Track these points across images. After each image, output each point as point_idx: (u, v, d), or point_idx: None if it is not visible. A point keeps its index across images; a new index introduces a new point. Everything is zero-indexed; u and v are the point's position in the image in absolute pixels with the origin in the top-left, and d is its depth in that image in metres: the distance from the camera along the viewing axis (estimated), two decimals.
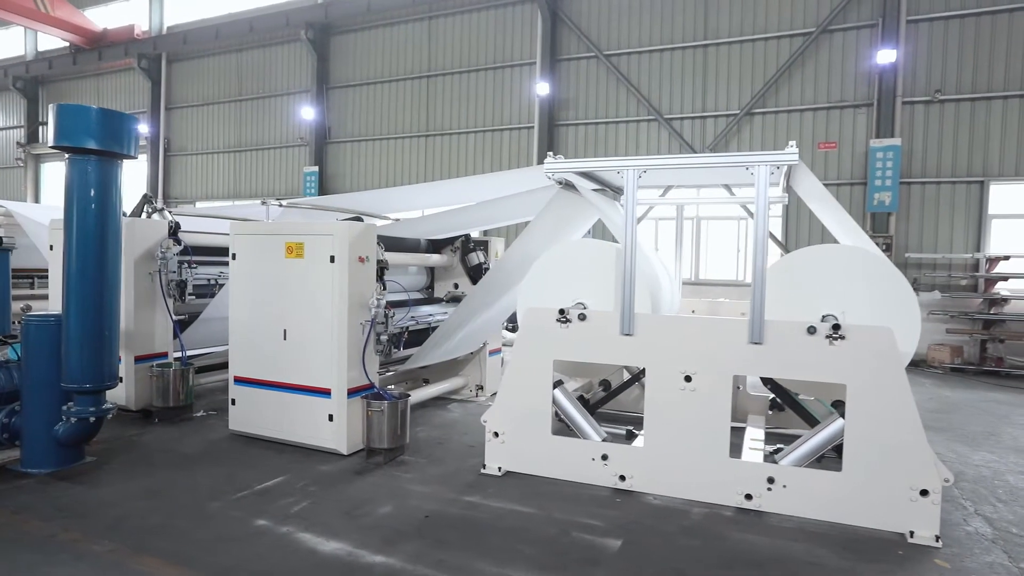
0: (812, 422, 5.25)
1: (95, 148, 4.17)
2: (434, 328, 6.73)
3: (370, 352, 5.53)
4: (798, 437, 4.78)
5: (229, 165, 19.36)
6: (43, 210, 8.89)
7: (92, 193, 4.27)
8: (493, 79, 15.69)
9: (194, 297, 7.04)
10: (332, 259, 5.29)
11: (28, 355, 4.52)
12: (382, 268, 5.81)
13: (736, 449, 4.70)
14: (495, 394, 8.08)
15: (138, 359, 6.50)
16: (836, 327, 4.16)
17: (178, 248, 6.72)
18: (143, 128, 19.91)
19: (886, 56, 11.61)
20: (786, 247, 12.90)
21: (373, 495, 4.59)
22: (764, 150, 13.06)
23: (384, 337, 5.62)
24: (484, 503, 4.50)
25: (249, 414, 5.75)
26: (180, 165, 20.21)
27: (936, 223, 11.88)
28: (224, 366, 8.13)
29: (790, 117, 12.99)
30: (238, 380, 5.81)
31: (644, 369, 6.01)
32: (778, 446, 4.97)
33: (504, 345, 8.43)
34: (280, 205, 6.43)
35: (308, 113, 17.35)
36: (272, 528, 4.01)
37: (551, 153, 4.89)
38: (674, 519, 4.28)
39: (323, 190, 17.59)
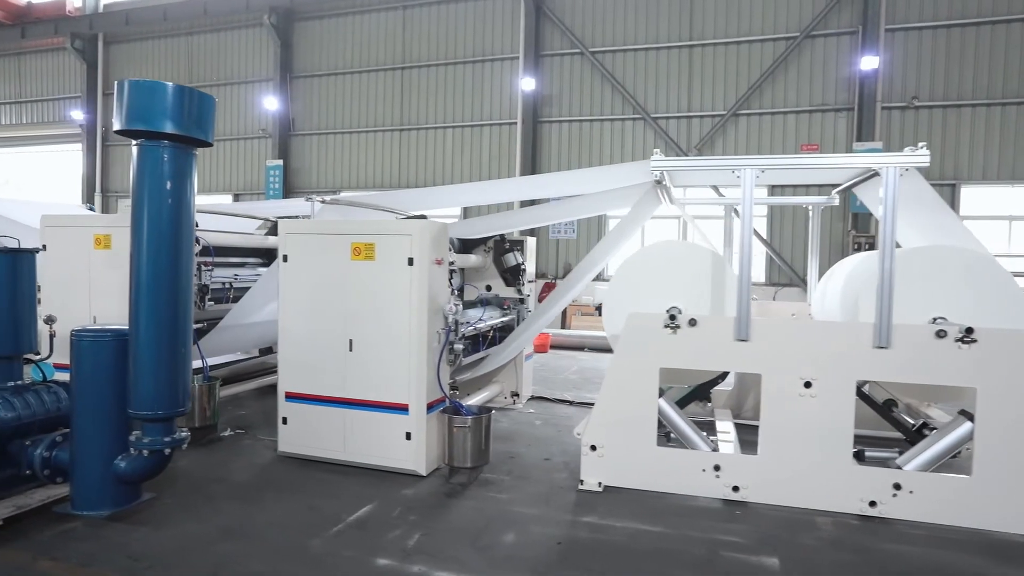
0: (902, 429, 5.26)
1: (174, 133, 3.54)
2: (483, 333, 6.34)
3: (444, 363, 5.10)
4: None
5: None
6: (15, 204, 7.80)
7: (168, 187, 3.62)
8: (473, 73, 15.25)
9: (212, 303, 6.34)
10: (411, 261, 4.81)
11: (80, 377, 3.81)
12: (452, 271, 5.37)
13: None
14: (530, 399, 7.85)
15: None
16: (969, 330, 4.13)
17: (197, 248, 6.00)
18: (77, 115, 18.09)
19: (869, 62, 12.09)
20: (772, 247, 13.23)
21: (484, 521, 4.19)
22: (749, 151, 13.38)
23: (459, 346, 5.20)
24: (606, 524, 4.20)
25: (304, 434, 5.17)
26: (119, 155, 18.51)
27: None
28: (242, 378, 7.42)
29: (774, 119, 13.33)
30: (290, 397, 5.21)
31: (723, 374, 5.94)
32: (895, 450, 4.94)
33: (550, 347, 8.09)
34: (323, 202, 5.84)
35: (271, 103, 16.29)
36: (401, 569, 3.55)
37: (656, 150, 4.63)
38: (807, 530, 4.14)
39: (287, 185, 16.59)
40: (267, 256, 8.15)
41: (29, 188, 19.44)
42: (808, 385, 4.42)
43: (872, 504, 4.31)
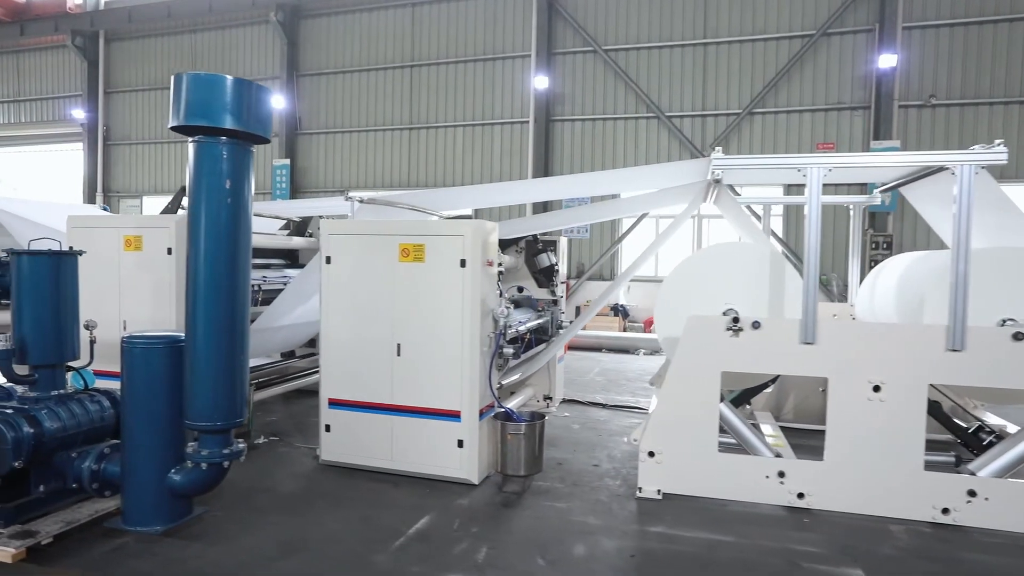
0: (957, 432, 5.16)
1: (234, 129, 3.37)
2: (520, 336, 6.19)
3: (494, 368, 4.95)
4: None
5: (182, 156, 17.62)
6: (27, 205, 7.57)
7: (228, 186, 3.44)
8: (483, 71, 15.09)
9: None
10: (463, 263, 4.65)
11: (132, 386, 3.63)
12: (500, 273, 5.22)
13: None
14: (562, 402, 7.70)
15: None
16: None
17: None
18: (78, 114, 17.77)
19: (887, 60, 12.02)
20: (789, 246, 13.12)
21: (549, 533, 4.04)
22: (764, 150, 13.30)
23: (508, 350, 5.05)
24: (676, 534, 4.06)
25: (348, 442, 5.00)
26: (122, 155, 18.21)
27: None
28: (266, 382, 7.23)
29: (789, 117, 13.24)
30: (333, 403, 5.04)
31: (772, 379, 5.82)
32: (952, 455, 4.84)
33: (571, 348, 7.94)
34: (360, 201, 5.66)
35: (278, 102, 16.05)
36: None
37: (717, 148, 4.50)
38: (883, 539, 4.02)
39: (294, 184, 16.36)
40: (290, 257, 7.97)
41: (25, 188, 19.07)
42: (877, 389, 4.30)
43: (945, 511, 4.19)
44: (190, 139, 3.51)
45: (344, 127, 16.17)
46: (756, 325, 4.49)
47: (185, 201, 6.35)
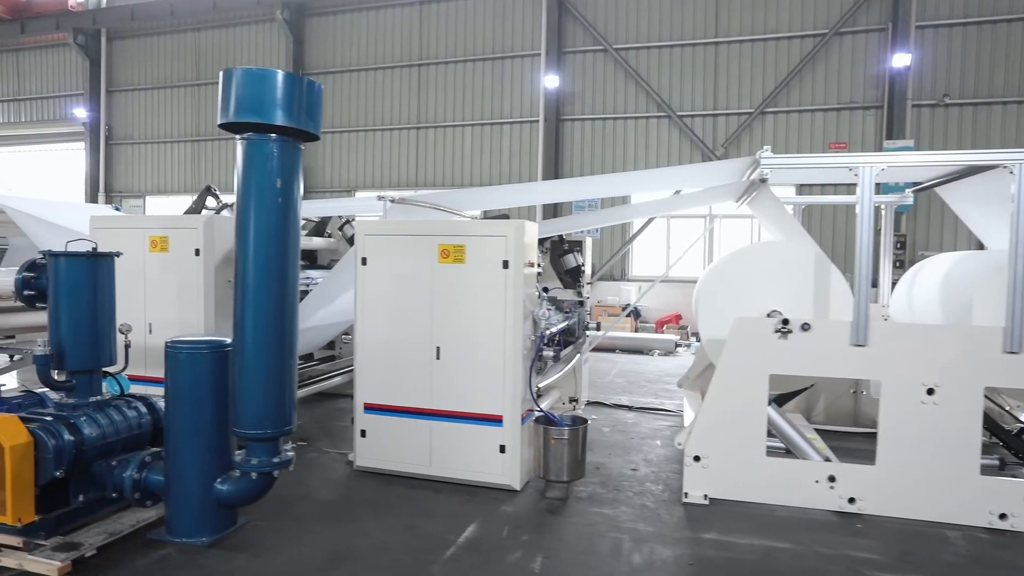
0: (1001, 434, 5.09)
1: (285, 125, 3.25)
2: (553, 339, 6.09)
3: (534, 371, 4.85)
4: None
5: (186, 156, 17.45)
6: (40, 204, 7.41)
7: (279, 185, 3.33)
8: (492, 70, 14.97)
9: None
10: (505, 264, 4.55)
11: (177, 393, 3.51)
12: (539, 274, 5.12)
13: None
14: (587, 404, 7.60)
15: None
16: None
17: None
18: (80, 113, 17.55)
19: (901, 60, 11.98)
20: None
21: (602, 541, 3.94)
22: (776, 150, 13.21)
23: (548, 353, 4.96)
24: (730, 540, 3.97)
25: (384, 448, 4.89)
26: (124, 155, 18.00)
27: (942, 222, 12.39)
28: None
29: (801, 117, 13.19)
30: (369, 408, 4.92)
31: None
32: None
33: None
34: (391, 201, 5.55)
35: None
36: None
37: (766, 147, 4.41)
38: (941, 546, 3.94)
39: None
40: (308, 258, 7.84)
41: (23, 188, 18.82)
42: (931, 392, 4.22)
43: (1002, 517, 4.12)
44: (238, 136, 3.39)
45: (351, 126, 16.03)
46: (806, 327, 4.41)
47: (210, 201, 6.24)
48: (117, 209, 9.18)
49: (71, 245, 3.85)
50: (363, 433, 4.94)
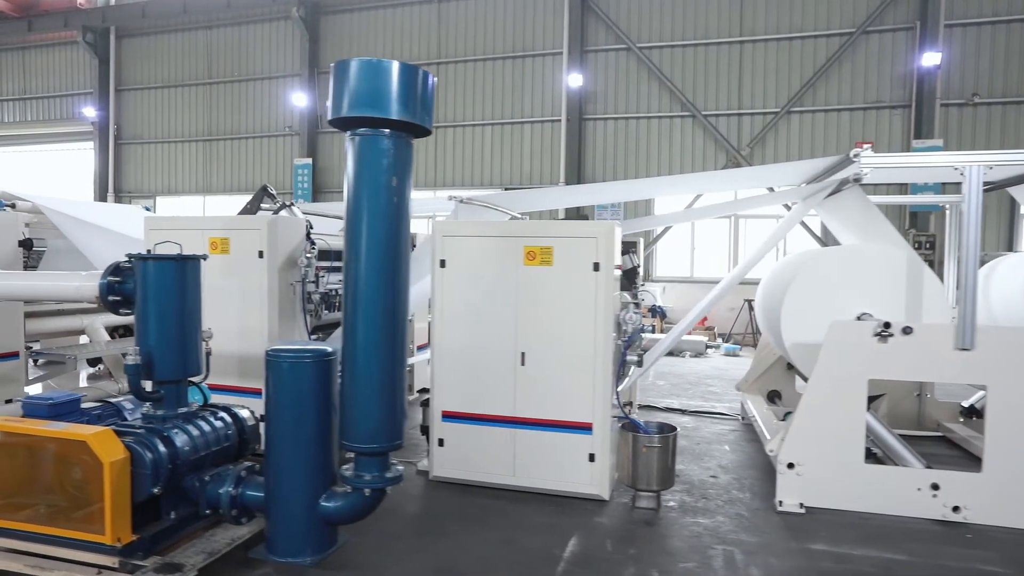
0: None
1: (404, 120, 3.07)
2: None
3: (618, 377, 4.70)
4: None
5: (198, 155, 17.17)
6: (77, 206, 7.17)
7: (394, 183, 3.15)
8: (513, 69, 14.81)
9: (326, 311, 5.84)
10: (596, 267, 4.39)
11: (280, 404, 3.32)
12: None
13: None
14: (639, 407, 7.44)
15: None
16: None
17: (314, 252, 5.51)
18: (89, 112, 17.22)
19: (931, 59, 11.91)
20: (826, 243, 13.01)
21: (713, 553, 3.80)
22: (802, 150, 13.17)
23: (632, 357, 4.81)
24: (843, 551, 3.83)
25: (464, 457, 4.71)
26: (133, 154, 17.69)
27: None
28: None
29: (827, 116, 13.11)
30: (447, 416, 4.75)
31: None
32: None
33: None
34: (460, 201, 5.37)
35: (300, 99, 15.65)
36: None
37: (867, 145, 4.28)
38: None
39: (315, 184, 15.97)
40: (335, 258, 7.62)
41: (30, 189, 18.44)
42: None
43: None
44: (348, 133, 3.21)
45: None
46: (907, 331, 4.27)
47: (269, 200, 6.04)
48: (148, 209, 8.94)
49: (159, 248, 3.65)
50: (441, 442, 4.76)
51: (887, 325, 4.28)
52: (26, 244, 6.51)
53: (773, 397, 6.78)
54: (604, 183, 12.70)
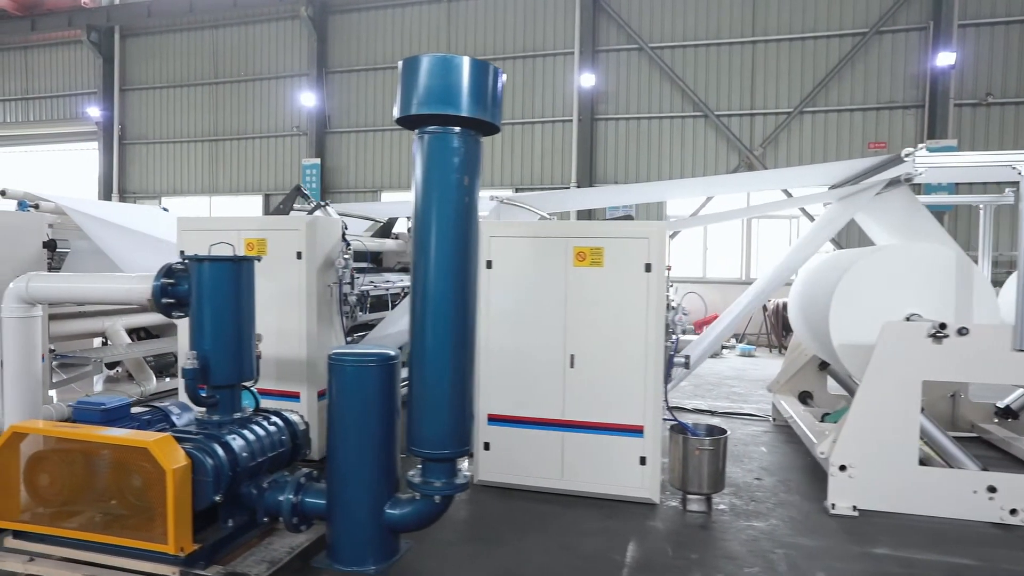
0: None
1: (475, 118, 3.01)
2: None
3: (666, 379, 4.64)
4: None
5: (203, 156, 17.02)
6: (99, 206, 7.07)
7: (465, 182, 3.08)
8: (524, 68, 14.75)
9: (362, 313, 5.77)
10: (648, 268, 4.34)
11: (345, 409, 3.25)
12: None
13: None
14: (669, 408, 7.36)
15: (320, 395, 5.16)
16: None
17: (349, 254, 5.43)
18: (93, 112, 17.05)
19: (946, 59, 11.92)
20: (840, 246, 13.00)
21: (776, 558, 3.74)
22: (815, 150, 13.16)
23: (679, 359, 4.74)
24: (907, 556, 3.78)
25: (510, 461, 4.64)
26: (138, 155, 17.52)
27: (968, 222, 12.33)
28: None
29: (840, 117, 13.11)
30: (493, 419, 4.68)
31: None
32: None
33: None
34: (501, 202, 5.30)
35: (308, 99, 15.54)
36: None
37: (920, 146, 4.24)
38: None
39: (324, 185, 15.85)
40: (374, 260, 7.55)
41: (33, 189, 18.22)
42: None
43: None
44: (416, 131, 3.14)
45: (376, 126, 15.71)
46: (963, 331, 4.23)
47: (303, 201, 5.95)
48: (165, 210, 8.83)
49: (214, 249, 3.57)
50: (486, 446, 4.69)
51: (943, 326, 4.24)
52: (50, 245, 6.41)
53: (804, 398, 6.75)
54: (649, 183, 12.71)
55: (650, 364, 4.37)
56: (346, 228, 5.53)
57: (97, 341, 7.90)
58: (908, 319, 4.68)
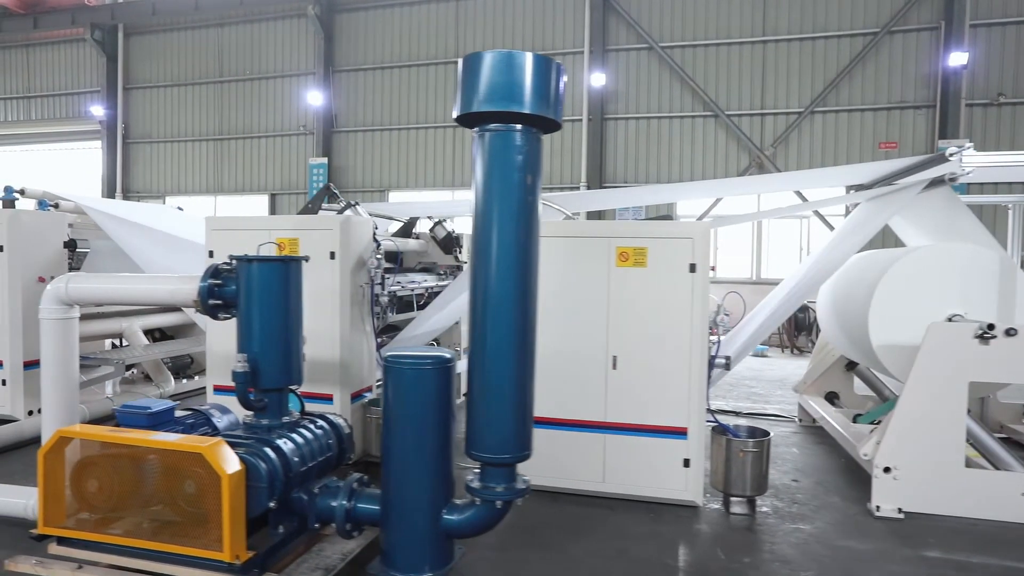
0: None
1: (539, 115, 2.94)
2: None
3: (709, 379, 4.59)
4: None
5: (208, 155, 16.89)
6: (117, 205, 6.98)
7: (528, 181, 3.02)
8: None
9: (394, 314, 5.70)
10: (692, 268, 4.29)
11: (401, 413, 3.18)
12: None
13: None
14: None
15: (353, 396, 5.10)
16: None
17: (381, 254, 5.37)
18: (97, 111, 16.89)
19: (958, 59, 11.93)
20: None
21: (831, 562, 3.70)
22: (825, 150, 13.16)
23: (720, 360, 4.70)
24: (961, 559, 3.75)
25: (551, 464, 4.56)
26: (142, 154, 17.38)
27: (994, 221, 12.35)
28: None
29: (850, 116, 13.11)
30: (535, 422, 4.60)
31: None
32: None
33: None
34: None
35: (315, 98, 15.44)
36: None
37: (967, 144, 4.20)
38: None
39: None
40: (393, 260, 7.48)
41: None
42: None
43: None
44: (477, 129, 3.08)
45: (384, 125, 15.63)
46: (1011, 332, 4.20)
47: (334, 201, 5.88)
48: (180, 209, 8.73)
49: (262, 249, 3.50)
50: None
51: (991, 327, 4.20)
52: (70, 245, 6.32)
53: (831, 398, 6.71)
54: (685, 183, 12.71)
55: (694, 365, 4.33)
56: (376, 228, 5.46)
57: (107, 342, 7.81)
58: (950, 320, 4.65)
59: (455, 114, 3.08)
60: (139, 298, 3.85)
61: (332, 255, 4.97)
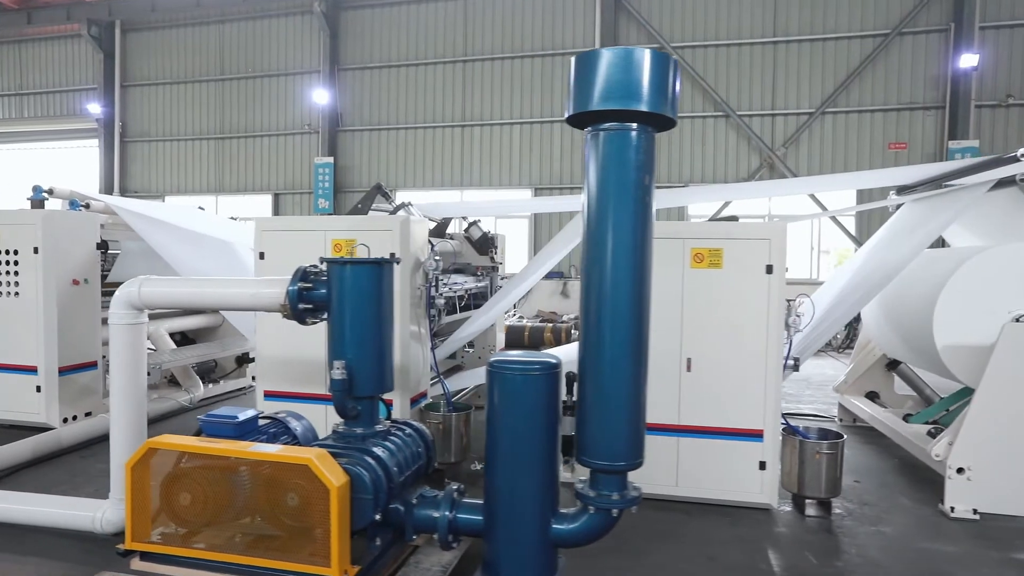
0: None
1: (658, 113, 2.86)
2: None
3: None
4: None
5: (209, 154, 16.58)
6: (145, 204, 6.77)
7: (646, 181, 2.94)
8: (543, 66, 14.62)
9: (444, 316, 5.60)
10: (769, 269, 4.25)
11: (509, 420, 3.08)
12: None
13: None
14: None
15: (413, 401, 4.99)
16: None
17: (440, 256, 5.26)
18: (94, 108, 16.50)
19: (968, 60, 12.08)
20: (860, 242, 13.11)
21: (925, 564, 3.67)
22: (835, 150, 13.25)
23: (790, 362, 4.66)
24: None
25: None
26: (140, 152, 17.01)
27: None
28: None
29: (860, 117, 13.22)
30: None
31: None
32: None
33: None
34: None
35: (321, 96, 15.22)
36: None
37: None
38: None
39: (336, 184, 15.55)
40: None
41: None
42: None
43: None
44: (590, 128, 2.99)
45: (391, 124, 15.45)
46: None
47: (386, 200, 5.75)
48: (201, 209, 8.53)
49: (355, 250, 3.38)
50: None
51: None
52: (102, 246, 6.13)
53: (871, 398, 6.73)
54: (727, 184, 12.78)
55: (770, 367, 4.28)
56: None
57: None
58: (1018, 320, 4.65)
59: (566, 114, 3.00)
60: (219, 302, 3.72)
61: (393, 256, 4.84)
